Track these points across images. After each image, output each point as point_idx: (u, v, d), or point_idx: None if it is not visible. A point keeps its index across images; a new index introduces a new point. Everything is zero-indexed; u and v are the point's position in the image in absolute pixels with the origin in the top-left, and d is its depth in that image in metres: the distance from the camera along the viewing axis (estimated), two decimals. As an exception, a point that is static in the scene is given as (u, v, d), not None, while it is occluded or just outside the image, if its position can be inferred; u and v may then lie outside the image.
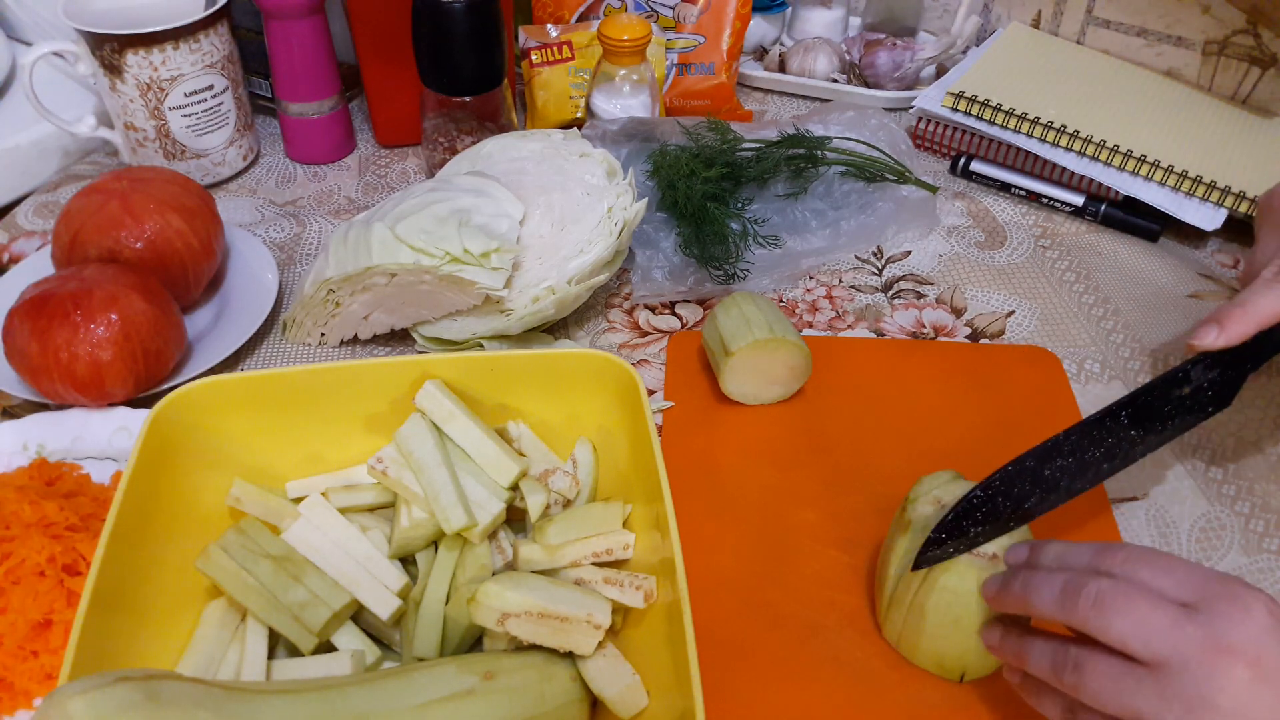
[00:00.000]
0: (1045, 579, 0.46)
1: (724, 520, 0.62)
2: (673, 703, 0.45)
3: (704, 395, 0.70)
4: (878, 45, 1.00)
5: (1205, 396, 0.56)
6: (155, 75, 0.82)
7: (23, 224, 0.87)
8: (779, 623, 0.57)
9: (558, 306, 0.70)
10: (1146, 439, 0.56)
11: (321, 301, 0.70)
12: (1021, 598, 0.47)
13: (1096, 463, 0.54)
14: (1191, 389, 0.56)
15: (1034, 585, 0.46)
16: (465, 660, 0.48)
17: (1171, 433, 0.56)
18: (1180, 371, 0.57)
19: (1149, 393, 0.56)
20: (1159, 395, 0.56)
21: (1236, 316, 0.55)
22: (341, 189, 0.91)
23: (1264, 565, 0.60)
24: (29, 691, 0.52)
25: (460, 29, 0.77)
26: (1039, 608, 0.46)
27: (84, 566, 0.54)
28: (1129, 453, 0.55)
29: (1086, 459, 0.54)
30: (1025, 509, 0.52)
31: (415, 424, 0.55)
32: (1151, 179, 0.83)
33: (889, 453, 0.66)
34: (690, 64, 0.95)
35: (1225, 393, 0.57)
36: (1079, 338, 0.75)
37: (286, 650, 0.52)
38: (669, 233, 0.78)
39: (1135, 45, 0.95)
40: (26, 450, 0.64)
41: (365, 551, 0.53)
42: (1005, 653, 0.49)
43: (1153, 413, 0.55)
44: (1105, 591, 0.43)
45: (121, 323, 0.63)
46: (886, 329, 0.76)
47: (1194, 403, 0.56)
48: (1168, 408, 0.56)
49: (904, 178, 0.82)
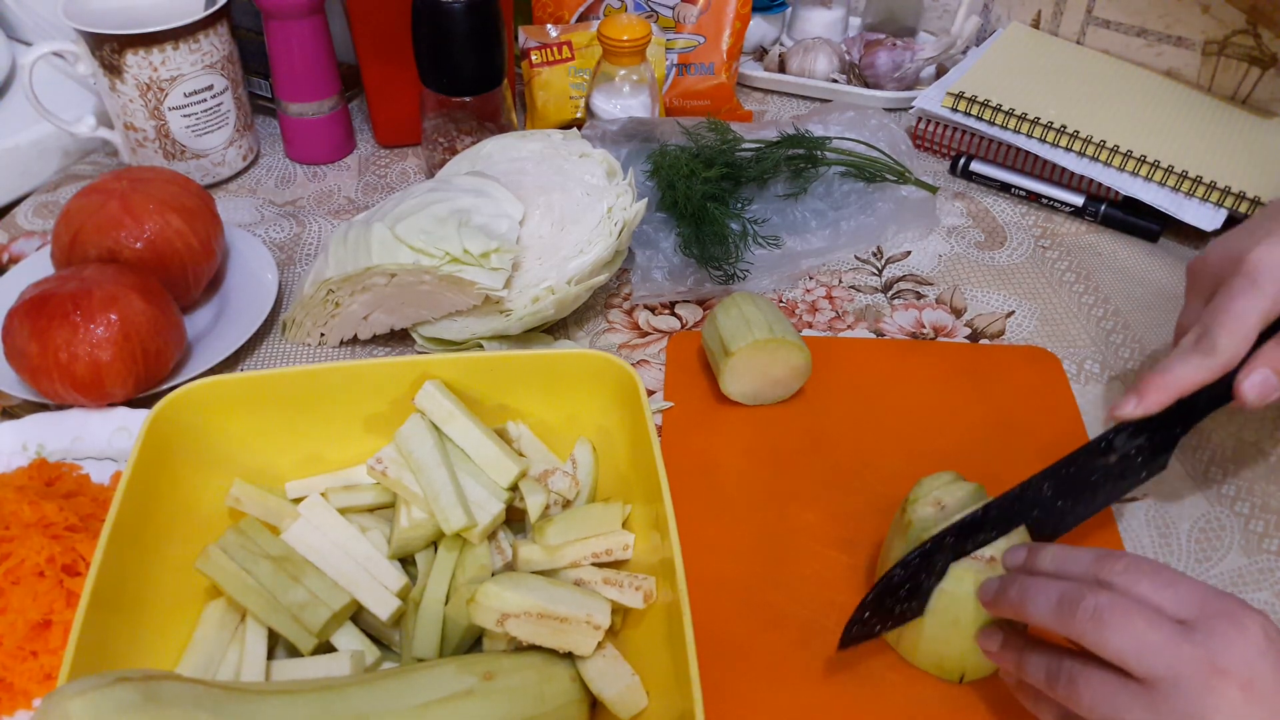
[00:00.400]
0: (1042, 587, 0.46)
1: (724, 521, 0.62)
2: (673, 703, 0.45)
3: (704, 395, 0.70)
4: (878, 45, 1.00)
5: (1135, 463, 0.56)
6: (155, 75, 0.82)
7: (23, 224, 0.87)
8: (779, 623, 0.57)
9: (557, 307, 0.70)
10: (1075, 509, 0.55)
11: (321, 302, 0.70)
12: (1018, 604, 0.47)
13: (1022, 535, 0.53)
14: (1119, 457, 0.55)
15: (1031, 593, 0.46)
16: (465, 660, 0.48)
17: (1104, 500, 0.56)
18: (1103, 441, 0.55)
19: (1070, 464, 0.55)
20: (1083, 465, 0.55)
21: (1155, 386, 0.54)
22: (341, 189, 0.91)
23: (1264, 565, 0.60)
24: (29, 691, 0.52)
25: (460, 29, 0.77)
26: (1035, 616, 0.46)
27: (84, 566, 0.54)
28: (1059, 523, 0.55)
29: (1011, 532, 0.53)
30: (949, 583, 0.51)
31: (415, 424, 0.55)
32: (1151, 179, 0.83)
33: (889, 453, 0.66)
34: (690, 64, 0.95)
35: (1157, 457, 0.56)
36: (1079, 338, 0.75)
37: (286, 650, 0.52)
38: (669, 233, 0.78)
39: (1135, 45, 0.95)
40: (26, 450, 0.64)
41: (365, 552, 0.53)
42: (1002, 660, 0.49)
43: (1078, 483, 0.55)
44: (1104, 606, 0.43)
45: (121, 323, 0.63)
46: (886, 329, 0.76)
47: (1124, 469, 0.56)
48: (1094, 477, 0.55)
49: (904, 178, 0.82)
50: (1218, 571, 0.60)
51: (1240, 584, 0.59)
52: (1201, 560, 0.60)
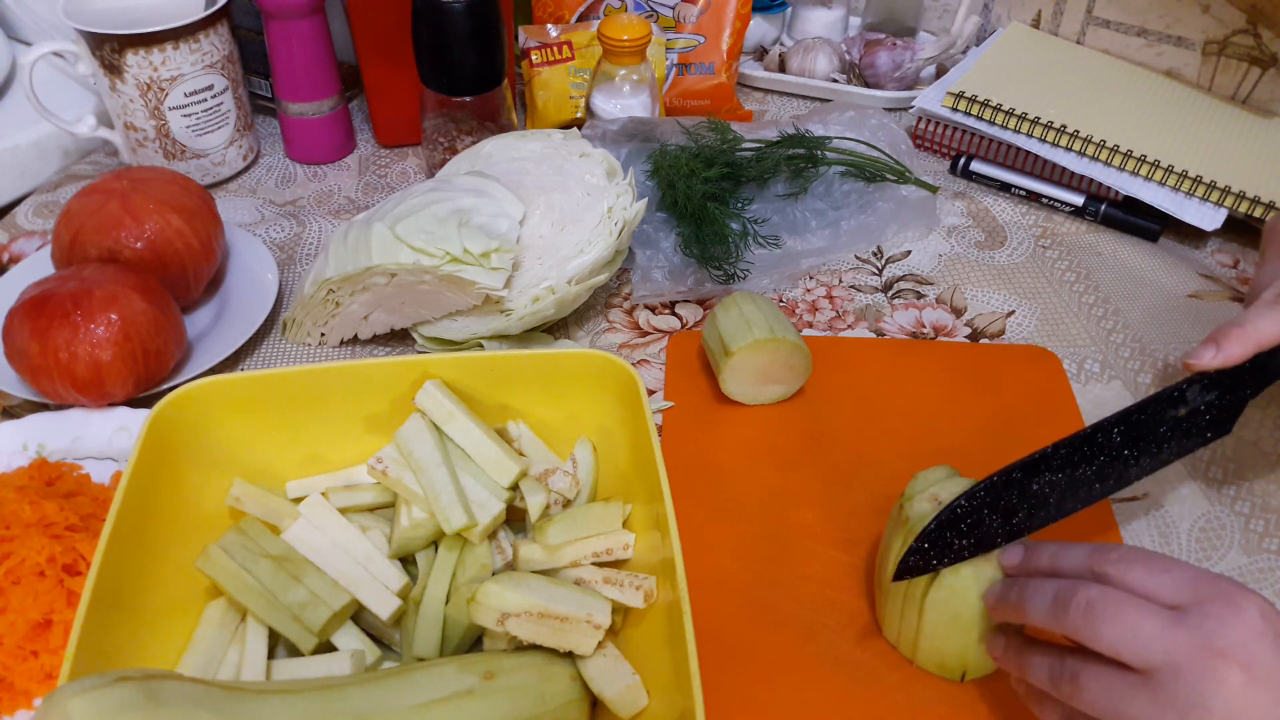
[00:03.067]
0: (1038, 588, 0.46)
1: (724, 520, 0.62)
2: (673, 703, 0.45)
3: (704, 395, 0.70)
4: (878, 45, 1.00)
5: (1203, 421, 0.55)
6: (155, 75, 0.82)
7: (23, 224, 0.87)
8: (779, 623, 0.57)
9: (558, 306, 0.70)
10: (1140, 460, 0.54)
11: (321, 301, 0.70)
12: (1017, 607, 0.47)
13: (1088, 481, 0.52)
14: (1188, 410, 0.54)
15: (1028, 595, 0.46)
16: (465, 660, 0.48)
17: (1168, 456, 0.55)
18: (1176, 390, 0.54)
19: (1142, 411, 0.53)
20: (1153, 414, 0.53)
21: (1235, 336, 0.53)
22: (341, 189, 0.91)
23: (1264, 565, 0.60)
24: (29, 691, 0.52)
25: (460, 29, 0.77)
26: (1032, 617, 0.46)
27: (84, 566, 0.54)
28: (1123, 473, 0.53)
29: (1078, 476, 0.52)
30: (1013, 525, 0.51)
31: (415, 424, 0.55)
32: (1151, 179, 0.83)
33: (889, 452, 0.66)
34: (690, 64, 0.95)
35: (1224, 418, 0.55)
36: (1079, 338, 0.75)
37: (286, 650, 0.52)
38: (669, 233, 0.78)
39: (1135, 45, 0.95)
40: (26, 450, 0.64)
41: (365, 551, 0.53)
42: (1007, 663, 0.49)
43: (1147, 432, 0.53)
44: (1095, 600, 0.43)
45: (121, 323, 0.63)
46: (886, 329, 0.76)
47: (1191, 426, 0.55)
48: (1163, 429, 0.54)
49: (904, 178, 0.82)
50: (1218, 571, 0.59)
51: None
52: (1201, 560, 0.60)
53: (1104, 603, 0.43)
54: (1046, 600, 0.45)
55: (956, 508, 0.50)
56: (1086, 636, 0.43)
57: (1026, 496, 0.51)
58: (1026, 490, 0.51)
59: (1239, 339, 0.53)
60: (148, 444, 0.51)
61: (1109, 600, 0.43)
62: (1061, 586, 0.45)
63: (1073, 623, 0.44)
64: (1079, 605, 0.43)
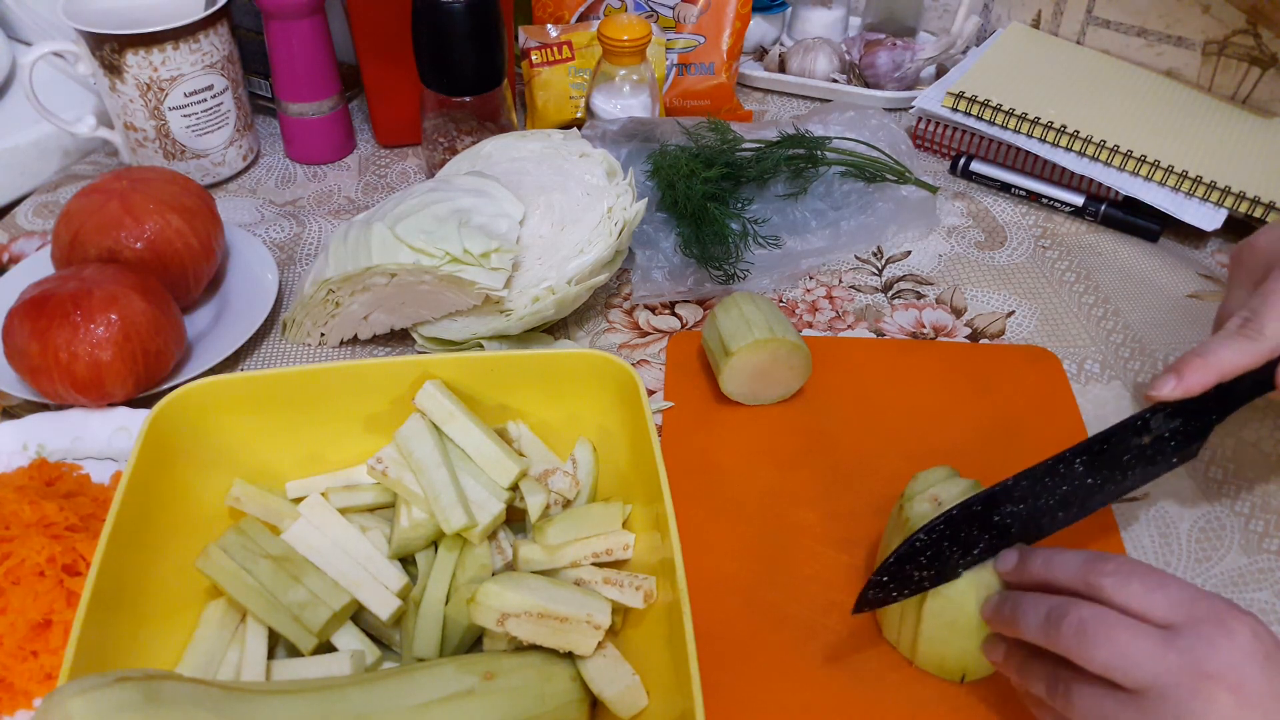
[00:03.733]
0: (1031, 604, 0.46)
1: (724, 520, 0.62)
2: (673, 703, 0.45)
3: (704, 395, 0.70)
4: (878, 45, 1.00)
5: (1168, 447, 0.54)
6: (155, 75, 0.82)
7: (23, 224, 0.87)
8: (779, 623, 0.57)
9: (558, 307, 0.70)
10: (1105, 488, 0.54)
11: (321, 301, 0.70)
12: (1011, 622, 0.47)
13: (1051, 511, 0.52)
14: (1152, 438, 0.54)
15: (1021, 611, 0.47)
16: (465, 660, 0.48)
17: (1133, 483, 0.55)
18: (1139, 419, 0.54)
19: (1106, 440, 0.53)
20: (1117, 443, 0.53)
21: (1196, 367, 0.53)
22: (341, 189, 0.91)
23: (1264, 565, 0.60)
24: (29, 691, 0.52)
25: (460, 29, 0.77)
26: (1025, 633, 0.46)
27: (84, 566, 0.54)
28: (1086, 501, 0.53)
29: (1040, 506, 0.52)
30: (975, 555, 0.51)
31: (415, 424, 0.55)
32: (1151, 179, 0.83)
33: (889, 453, 0.66)
34: (690, 64, 0.95)
35: (1189, 444, 0.55)
36: (1079, 338, 0.75)
37: (286, 650, 0.52)
38: (669, 233, 0.78)
39: (1135, 45, 0.95)
40: (26, 450, 0.64)
41: (365, 551, 0.53)
42: (1007, 669, 0.49)
43: (1110, 461, 0.53)
44: (1087, 621, 0.43)
45: (121, 323, 0.63)
46: (886, 329, 0.76)
47: (1155, 452, 0.54)
48: (1127, 456, 0.54)
49: (904, 178, 0.82)
50: (1218, 571, 0.60)
51: (1240, 584, 0.59)
52: (1201, 560, 0.60)
53: (1095, 624, 0.43)
54: (1039, 618, 0.45)
55: (915, 541, 0.50)
56: (1078, 657, 0.43)
57: (988, 528, 0.51)
58: (988, 522, 0.51)
59: (1200, 369, 0.53)
60: (148, 444, 0.51)
61: (1100, 621, 0.43)
62: (1054, 605, 0.45)
63: (1065, 642, 0.44)
64: (1071, 625, 0.44)
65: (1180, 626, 0.42)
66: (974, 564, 0.51)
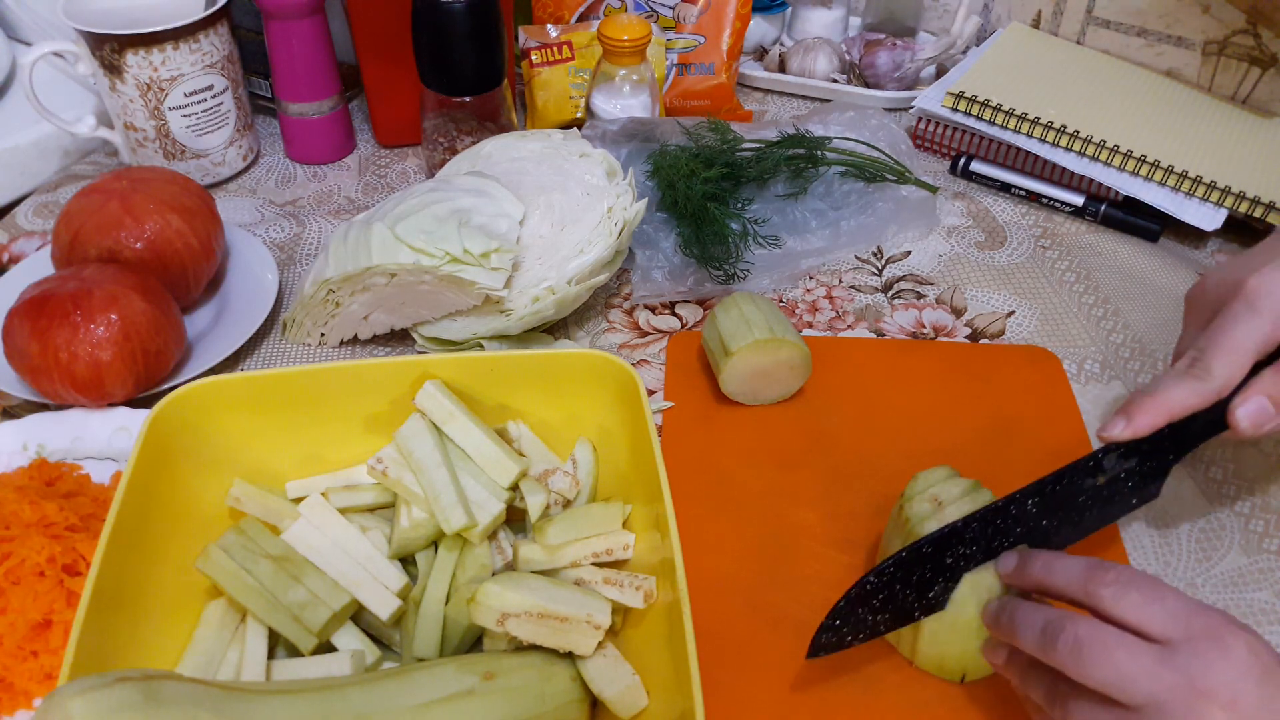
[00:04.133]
0: (1028, 616, 0.46)
1: (724, 520, 0.62)
2: (673, 703, 0.45)
3: (704, 395, 0.70)
4: (878, 45, 1.00)
5: (1125, 488, 0.53)
6: (155, 75, 0.82)
7: (23, 224, 0.87)
8: (779, 623, 0.57)
9: (558, 307, 0.70)
10: (1062, 530, 0.52)
11: (321, 301, 0.70)
12: (1009, 631, 0.47)
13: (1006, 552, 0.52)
14: (1107, 479, 0.53)
15: (1018, 622, 0.47)
16: (465, 660, 0.48)
17: (1092, 525, 0.54)
18: (1091, 459, 0.53)
19: (1058, 481, 0.52)
20: (1069, 484, 0.52)
21: (1145, 407, 0.52)
22: (341, 189, 0.91)
23: (1264, 565, 0.60)
24: (29, 691, 0.52)
25: (460, 29, 0.77)
26: (1022, 645, 0.46)
27: (84, 566, 0.54)
28: (1043, 543, 0.52)
29: (993, 548, 0.51)
30: (930, 598, 0.50)
31: (415, 424, 0.55)
32: (1151, 179, 0.83)
33: (889, 453, 0.66)
34: (690, 64, 0.95)
35: (1147, 485, 0.54)
36: (1079, 338, 0.75)
37: (286, 650, 0.52)
38: (669, 233, 0.78)
39: (1135, 45, 0.95)
40: (26, 450, 0.64)
41: (365, 551, 0.53)
42: (1009, 674, 0.49)
43: (1064, 502, 0.52)
44: (1083, 638, 0.43)
45: (121, 323, 0.63)
46: (886, 329, 0.76)
47: (1113, 493, 0.53)
48: (1082, 498, 0.53)
49: (904, 178, 0.82)
50: (1218, 571, 0.60)
51: (1240, 584, 0.59)
52: (1201, 560, 0.60)
53: (1091, 641, 0.43)
54: (1036, 631, 0.45)
55: (866, 584, 0.49)
56: (1074, 673, 0.43)
57: (941, 570, 0.50)
58: (940, 564, 0.50)
59: (1149, 410, 0.52)
60: (148, 444, 0.51)
61: (1096, 639, 0.43)
62: (1050, 619, 0.45)
63: (1060, 658, 0.44)
64: (1067, 642, 0.44)
65: (1177, 642, 0.42)
66: (931, 609, 0.51)
